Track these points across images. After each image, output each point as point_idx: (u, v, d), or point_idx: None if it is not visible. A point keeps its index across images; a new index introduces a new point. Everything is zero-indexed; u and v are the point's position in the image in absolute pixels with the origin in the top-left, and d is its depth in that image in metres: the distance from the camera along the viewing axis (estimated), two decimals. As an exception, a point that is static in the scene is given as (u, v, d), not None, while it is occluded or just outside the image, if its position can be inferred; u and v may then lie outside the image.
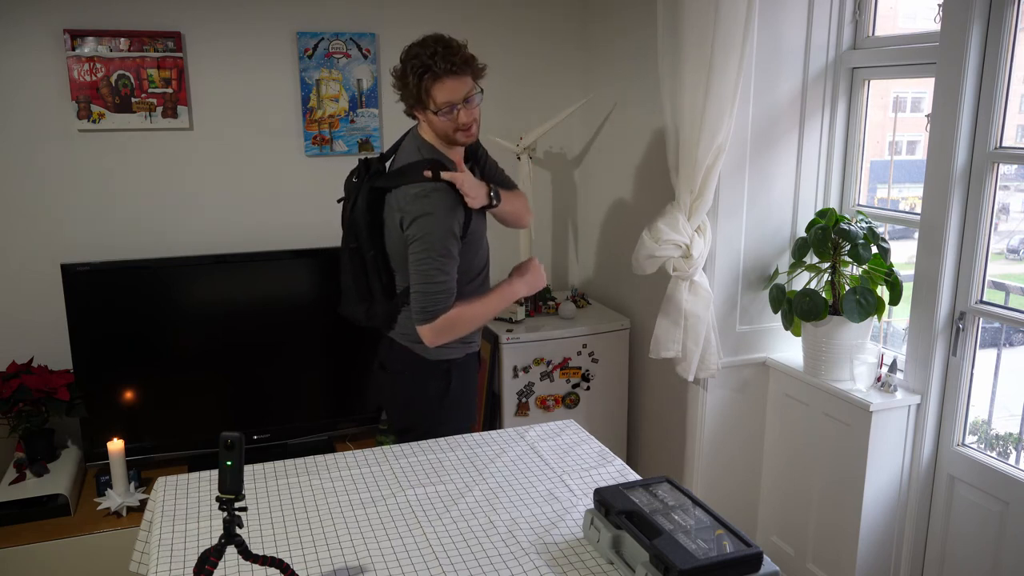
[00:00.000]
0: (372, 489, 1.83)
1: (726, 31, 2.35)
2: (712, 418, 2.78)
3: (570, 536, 1.64)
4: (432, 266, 1.99)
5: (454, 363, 2.20)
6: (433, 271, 1.99)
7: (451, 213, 2.01)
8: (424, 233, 1.98)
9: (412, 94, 1.99)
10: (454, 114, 1.98)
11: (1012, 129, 2.17)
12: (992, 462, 2.27)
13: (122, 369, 2.85)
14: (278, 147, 3.16)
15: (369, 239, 2.11)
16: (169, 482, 1.87)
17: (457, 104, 1.97)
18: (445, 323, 2.02)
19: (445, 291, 2.00)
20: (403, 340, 2.19)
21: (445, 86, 1.95)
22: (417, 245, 2.00)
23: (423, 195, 2.00)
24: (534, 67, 3.45)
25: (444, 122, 2.00)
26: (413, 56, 1.96)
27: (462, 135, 2.03)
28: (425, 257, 1.99)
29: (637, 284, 3.15)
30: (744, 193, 2.66)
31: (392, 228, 2.08)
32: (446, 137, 2.05)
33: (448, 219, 2.00)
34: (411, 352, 2.17)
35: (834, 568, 2.58)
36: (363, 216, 2.09)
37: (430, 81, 1.94)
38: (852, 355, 2.51)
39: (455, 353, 2.19)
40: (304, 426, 3.10)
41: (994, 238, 2.26)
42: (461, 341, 2.17)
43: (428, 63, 1.93)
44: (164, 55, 2.94)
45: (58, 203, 2.94)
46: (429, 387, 2.20)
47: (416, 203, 2.00)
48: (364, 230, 2.10)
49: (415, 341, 2.13)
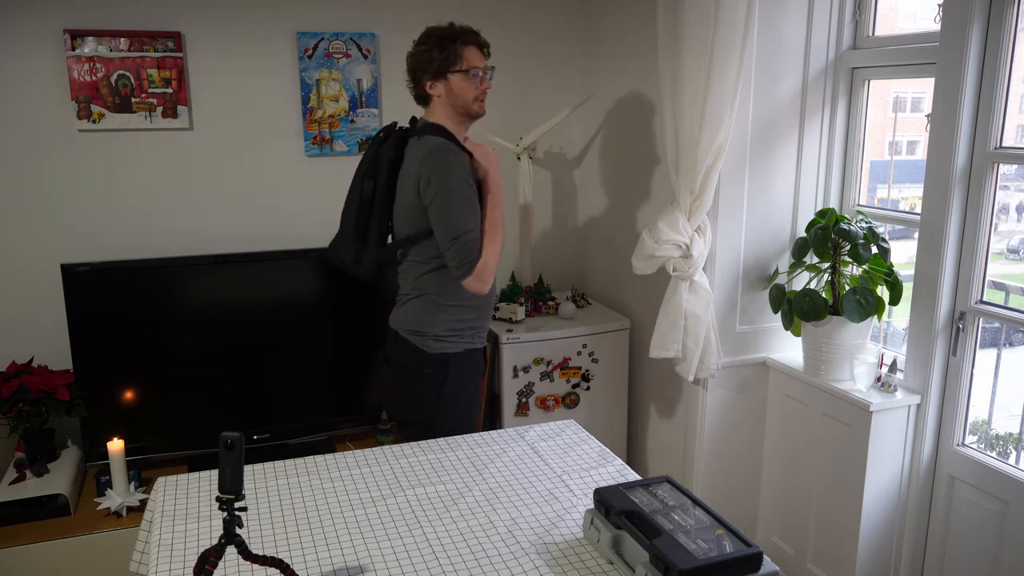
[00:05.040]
0: (372, 489, 1.83)
1: (726, 31, 2.36)
2: (712, 418, 2.78)
3: (570, 536, 1.64)
4: (456, 218, 2.09)
5: (452, 357, 2.23)
6: (459, 223, 2.09)
7: (464, 167, 2.13)
8: (443, 186, 2.09)
9: (439, 58, 2.14)
10: (479, 78, 2.17)
11: (1012, 129, 2.17)
12: (992, 462, 2.27)
13: (122, 369, 2.85)
14: (278, 147, 3.17)
15: (386, 179, 2.21)
16: (169, 482, 1.87)
17: (482, 69, 2.18)
18: (483, 266, 2.12)
19: (474, 240, 2.11)
20: (405, 333, 2.25)
21: (474, 52, 2.18)
22: (438, 200, 2.10)
23: (435, 151, 2.12)
24: (534, 67, 3.45)
25: (469, 86, 2.16)
26: (441, 30, 2.17)
27: (478, 105, 2.21)
28: (448, 210, 2.10)
29: (637, 284, 3.15)
30: (744, 193, 2.66)
31: (406, 182, 2.17)
32: (464, 106, 2.19)
33: (462, 171, 2.12)
34: (411, 345, 2.23)
35: (834, 568, 2.58)
36: (388, 154, 2.20)
37: (462, 45, 2.15)
38: (852, 355, 2.51)
39: (454, 347, 2.23)
40: (304, 426, 3.10)
41: (994, 238, 2.26)
42: (459, 335, 2.23)
43: (460, 32, 2.17)
44: (164, 55, 2.94)
45: (58, 203, 2.94)
46: (427, 380, 2.24)
47: (429, 159, 2.11)
48: (385, 169, 2.20)
49: (415, 333, 2.22)
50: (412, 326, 2.23)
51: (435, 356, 2.22)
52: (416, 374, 2.25)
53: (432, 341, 2.21)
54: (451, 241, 2.09)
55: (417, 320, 2.23)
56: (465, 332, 2.24)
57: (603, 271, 3.48)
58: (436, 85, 2.18)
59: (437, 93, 2.19)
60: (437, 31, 2.17)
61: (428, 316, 2.21)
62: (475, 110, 2.20)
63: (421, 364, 2.23)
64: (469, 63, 2.15)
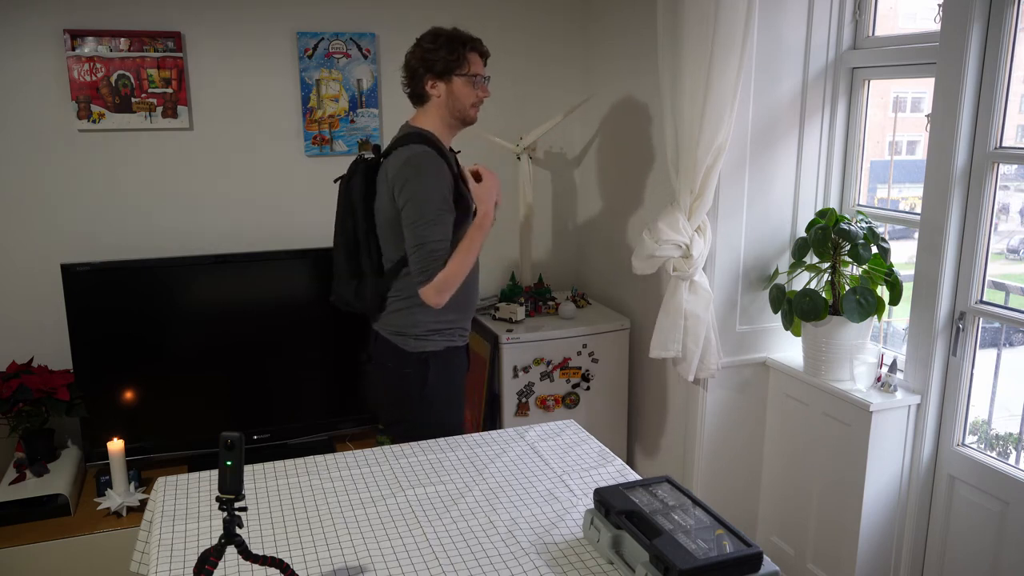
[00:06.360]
0: (372, 489, 1.83)
1: (726, 31, 2.36)
2: (712, 418, 2.78)
3: (570, 536, 1.64)
4: (425, 225, 2.09)
5: (433, 355, 2.24)
6: (426, 230, 2.09)
7: (440, 176, 2.13)
8: (414, 193, 2.10)
9: (446, 59, 2.17)
10: (480, 86, 2.22)
11: (1012, 129, 2.17)
12: (992, 462, 2.27)
13: (122, 369, 2.85)
14: (278, 147, 3.16)
15: (363, 212, 2.23)
16: (169, 482, 1.87)
17: (483, 76, 2.23)
18: (443, 279, 2.10)
19: (440, 249, 2.10)
20: (386, 332, 2.27)
21: (478, 60, 2.23)
22: (409, 207, 2.10)
23: (413, 159, 2.12)
24: (534, 67, 3.45)
25: (470, 91, 2.20)
26: (450, 32, 2.21)
27: (474, 111, 2.25)
28: (418, 217, 2.09)
29: (637, 284, 3.15)
30: (744, 193, 2.66)
31: (383, 198, 2.17)
32: (462, 111, 2.22)
33: (438, 181, 2.12)
34: (392, 344, 2.25)
35: (834, 568, 2.58)
36: (359, 188, 2.22)
37: (470, 51, 2.20)
38: (852, 355, 2.51)
39: (434, 345, 2.24)
40: (304, 426, 3.10)
41: (994, 238, 2.26)
42: (438, 334, 2.23)
43: (469, 39, 2.22)
44: (164, 55, 2.94)
45: (58, 203, 2.94)
46: (409, 379, 2.25)
47: (406, 167, 2.11)
48: (359, 203, 2.22)
49: (397, 333, 2.24)
50: (393, 327, 2.25)
51: (415, 355, 2.23)
52: (398, 374, 2.26)
53: (412, 340, 2.22)
54: (416, 247, 2.09)
55: (398, 321, 2.24)
56: (445, 331, 2.25)
57: (603, 271, 3.48)
58: (438, 85, 2.18)
59: (437, 93, 2.19)
60: (446, 32, 2.19)
61: (408, 317, 2.22)
62: (471, 116, 2.24)
63: (402, 364, 2.24)
64: (473, 69, 2.20)
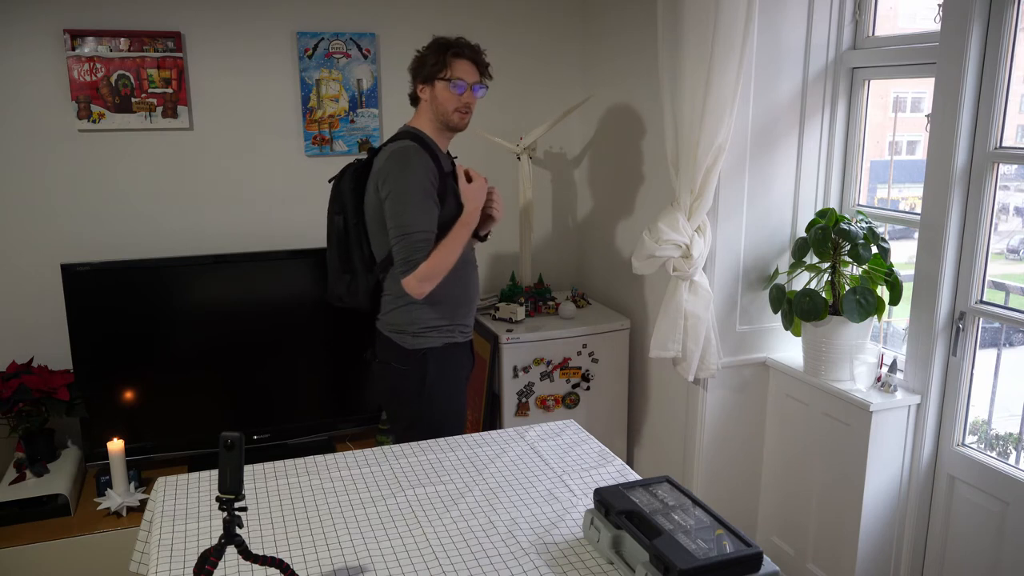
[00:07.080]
0: (372, 489, 1.83)
1: (726, 31, 2.35)
2: (712, 418, 2.78)
3: (570, 536, 1.64)
4: (408, 215, 2.12)
5: (431, 352, 2.27)
6: (409, 220, 2.13)
7: (424, 168, 2.16)
8: (397, 185, 2.13)
9: (430, 64, 2.21)
10: (462, 91, 2.21)
11: (1012, 129, 2.17)
12: (992, 462, 2.27)
13: (122, 369, 2.85)
14: (278, 147, 3.17)
15: (353, 208, 2.26)
16: (169, 482, 1.87)
17: (467, 83, 2.21)
18: (426, 270, 2.13)
19: (423, 240, 2.13)
20: (386, 330, 2.30)
21: (463, 65, 2.22)
22: (392, 198, 2.14)
23: (396, 153, 2.16)
24: (534, 67, 3.45)
25: (450, 96, 2.21)
26: (442, 39, 2.24)
27: (458, 116, 2.24)
28: (401, 208, 2.13)
29: (637, 284, 3.15)
30: (744, 193, 2.66)
31: (371, 193, 2.21)
32: (444, 115, 2.23)
33: (421, 173, 2.15)
34: (392, 342, 2.28)
35: (834, 568, 2.58)
36: (348, 184, 2.26)
37: (452, 56, 2.21)
38: (852, 355, 2.51)
39: (432, 342, 2.27)
40: (304, 426, 3.10)
41: (994, 238, 2.25)
42: (436, 330, 2.25)
43: (454, 44, 2.23)
44: (164, 55, 2.94)
45: (58, 203, 2.94)
46: (408, 375, 2.28)
47: (389, 161, 2.16)
48: (349, 199, 2.26)
49: (396, 331, 2.27)
50: (392, 325, 2.28)
51: (414, 352, 2.26)
52: (398, 370, 2.29)
53: (411, 337, 2.26)
54: (399, 237, 2.14)
55: (396, 319, 2.27)
56: (444, 328, 2.27)
57: (603, 271, 3.48)
58: (425, 89, 2.25)
59: (425, 97, 2.26)
60: (438, 39, 2.25)
61: (406, 315, 2.26)
62: (453, 120, 2.24)
63: (402, 360, 2.27)
64: (454, 74, 2.20)
